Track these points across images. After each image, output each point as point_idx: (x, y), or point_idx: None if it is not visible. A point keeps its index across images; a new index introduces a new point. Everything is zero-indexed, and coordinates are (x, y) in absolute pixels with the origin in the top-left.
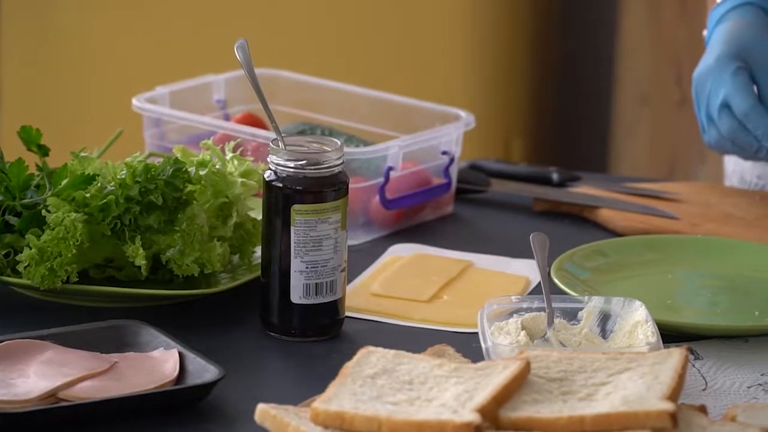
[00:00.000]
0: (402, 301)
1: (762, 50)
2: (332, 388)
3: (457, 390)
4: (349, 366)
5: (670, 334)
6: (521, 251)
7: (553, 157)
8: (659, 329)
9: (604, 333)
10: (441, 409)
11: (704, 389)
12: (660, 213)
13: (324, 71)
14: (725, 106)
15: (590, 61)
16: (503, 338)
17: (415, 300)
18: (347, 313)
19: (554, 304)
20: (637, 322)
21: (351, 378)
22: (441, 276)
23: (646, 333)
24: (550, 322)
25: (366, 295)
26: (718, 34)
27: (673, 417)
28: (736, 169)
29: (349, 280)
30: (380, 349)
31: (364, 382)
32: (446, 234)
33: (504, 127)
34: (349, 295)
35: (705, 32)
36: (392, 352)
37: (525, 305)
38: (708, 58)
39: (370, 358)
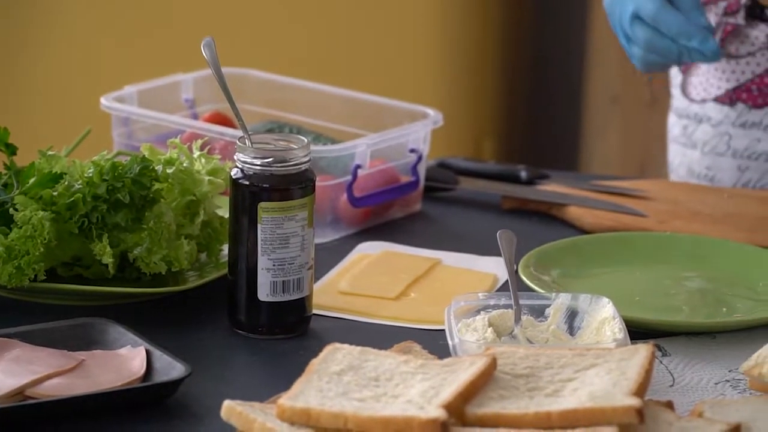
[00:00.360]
0: (369, 299)
1: None
2: (298, 385)
3: (424, 386)
4: (315, 363)
5: (637, 331)
6: (489, 249)
7: (524, 157)
8: (627, 326)
9: (571, 330)
10: (407, 405)
11: (671, 385)
12: (628, 210)
13: (292, 70)
14: (636, 17)
15: (561, 60)
16: (470, 335)
17: (382, 297)
18: (315, 311)
19: (521, 301)
20: (604, 318)
21: (317, 375)
22: (409, 273)
23: (614, 329)
24: (518, 319)
25: (333, 292)
26: None
27: (640, 413)
28: (683, 161)
29: (317, 278)
30: (346, 346)
31: (330, 378)
32: (414, 232)
33: (475, 127)
34: (317, 293)
35: None
36: (358, 348)
37: (492, 302)
38: None
39: (337, 355)
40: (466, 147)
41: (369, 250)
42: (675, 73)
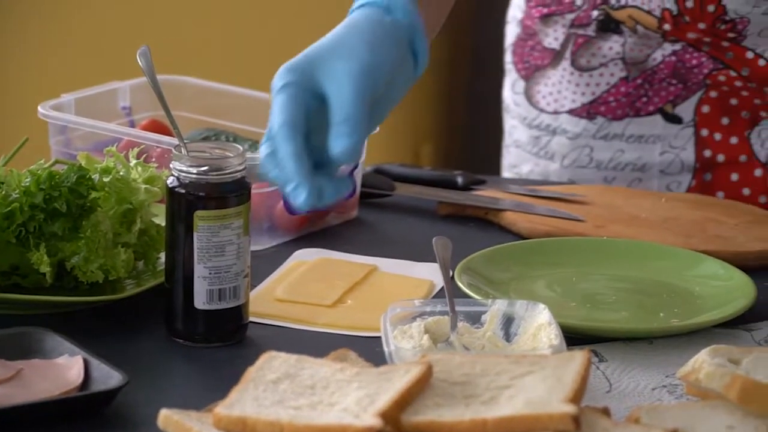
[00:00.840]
0: (306, 306)
1: (341, 59)
2: (234, 393)
3: (359, 394)
4: (251, 371)
5: (574, 337)
6: (425, 255)
7: (462, 163)
8: (563, 332)
9: (507, 336)
10: (343, 413)
11: (608, 391)
12: (564, 215)
13: (228, 77)
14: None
15: (499, 66)
16: (406, 342)
17: (318, 305)
18: (251, 319)
19: (458, 308)
20: (540, 324)
21: (253, 383)
22: (345, 280)
23: (550, 336)
24: (454, 326)
25: (270, 300)
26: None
27: (576, 419)
28: (535, 170)
29: (254, 286)
30: (283, 354)
31: (267, 386)
32: (351, 238)
33: (413, 133)
34: (253, 301)
35: None
36: (295, 356)
37: (428, 309)
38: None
39: (273, 363)
40: (405, 153)
41: (305, 257)
42: (516, 79)
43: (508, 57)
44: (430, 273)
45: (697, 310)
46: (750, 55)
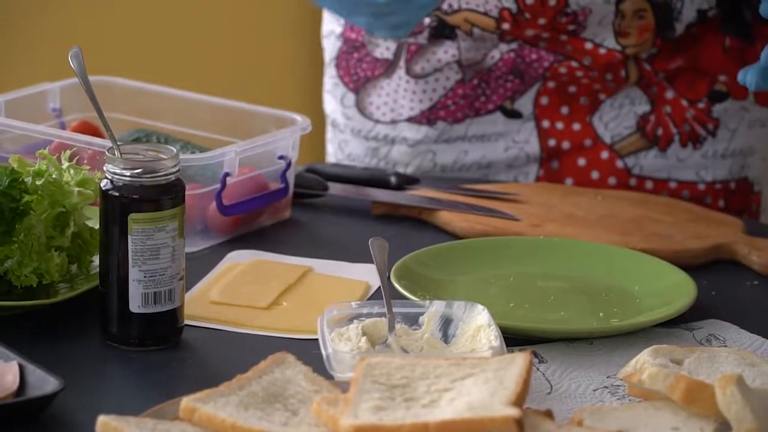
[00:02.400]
0: (241, 309)
1: None
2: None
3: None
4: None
5: (513, 338)
6: (361, 255)
7: None
8: (502, 333)
9: (446, 338)
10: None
11: (549, 393)
12: (500, 214)
13: (160, 78)
14: None
15: None
16: (344, 345)
17: (253, 307)
18: (186, 321)
19: (395, 309)
20: (479, 326)
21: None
22: (280, 282)
23: (489, 337)
24: (391, 328)
25: (205, 302)
26: None
27: (518, 423)
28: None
29: (188, 288)
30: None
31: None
32: (284, 239)
33: None
34: (188, 303)
35: None
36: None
37: (365, 311)
38: None
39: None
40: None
41: (239, 258)
42: (344, 93)
43: (332, 71)
44: (365, 274)
45: (637, 310)
46: (589, 45)
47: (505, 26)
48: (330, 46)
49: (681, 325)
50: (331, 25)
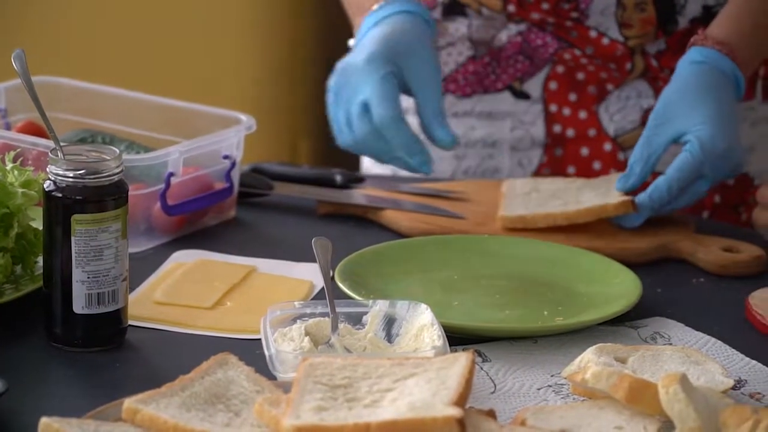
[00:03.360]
0: (185, 309)
1: (418, 58)
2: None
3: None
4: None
5: (457, 337)
6: (305, 255)
7: (341, 158)
8: (446, 332)
9: (389, 337)
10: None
11: (493, 392)
12: (445, 213)
13: (104, 78)
14: (365, 108)
15: None
16: (287, 345)
17: (198, 307)
18: (131, 322)
19: (338, 309)
20: (422, 325)
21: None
22: (224, 282)
23: (432, 337)
24: (335, 328)
25: (149, 303)
26: (373, 36)
27: (461, 423)
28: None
29: (132, 288)
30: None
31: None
32: (229, 239)
33: (290, 129)
34: (132, 304)
35: (352, 41)
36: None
37: (308, 310)
38: (358, 55)
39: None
40: (282, 149)
41: (184, 258)
42: None
43: None
44: (309, 273)
45: (582, 308)
46: (593, 33)
47: (511, 8)
48: None
49: (626, 323)
50: None
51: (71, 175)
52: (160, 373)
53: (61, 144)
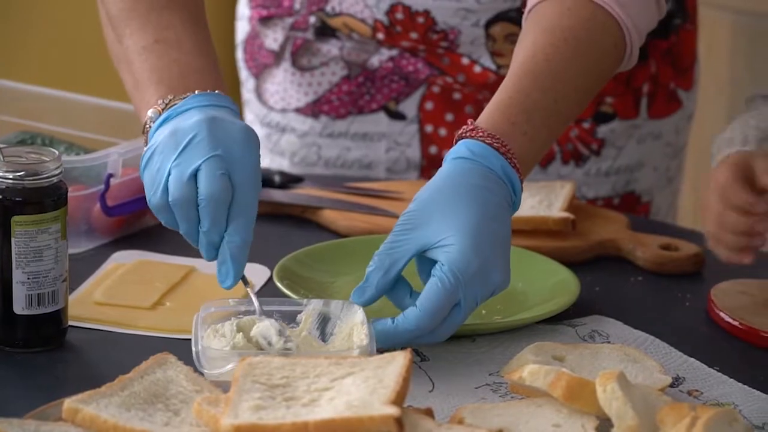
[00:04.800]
0: (125, 309)
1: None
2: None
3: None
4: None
5: None
6: None
7: None
8: None
9: (323, 336)
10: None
11: (431, 391)
12: (382, 212)
13: (43, 80)
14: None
15: None
16: (218, 341)
17: (137, 307)
18: (71, 323)
19: (274, 307)
20: (355, 324)
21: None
22: (163, 282)
23: (360, 336)
24: (283, 331)
25: (89, 303)
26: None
27: (398, 421)
28: (271, 165)
29: (72, 289)
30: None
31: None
32: (169, 239)
33: None
34: (73, 304)
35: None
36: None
37: (243, 308)
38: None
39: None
40: None
41: (124, 259)
42: (247, 77)
43: (239, 54)
44: (248, 272)
45: (521, 307)
46: (465, 60)
47: (380, 36)
48: (240, 29)
49: (564, 321)
50: (243, 8)
51: (10, 176)
52: (101, 373)
53: (0, 146)
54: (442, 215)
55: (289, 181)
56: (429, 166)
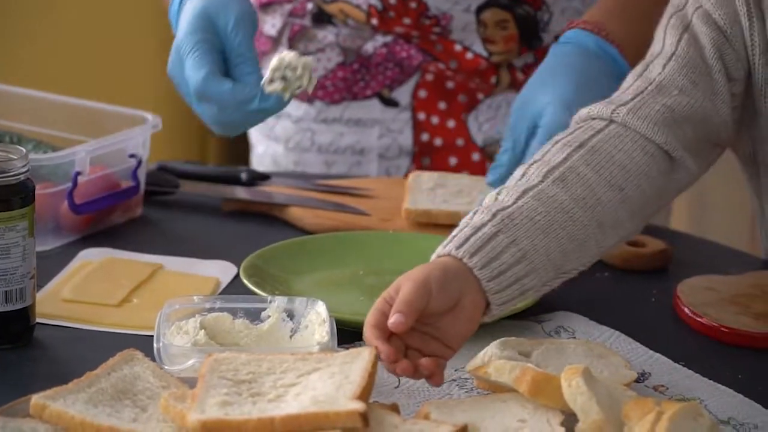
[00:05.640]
0: (93, 306)
1: (225, 13)
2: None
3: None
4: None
5: (361, 332)
6: (211, 252)
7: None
8: (351, 327)
9: (288, 332)
10: None
11: (397, 386)
12: (350, 209)
13: (10, 78)
14: (198, 95)
15: None
16: (180, 338)
17: (105, 304)
18: (39, 320)
19: (239, 304)
20: (319, 321)
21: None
22: (131, 279)
23: (322, 333)
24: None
25: (57, 300)
26: (187, 11)
27: (364, 416)
28: (267, 151)
29: (40, 286)
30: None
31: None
32: (136, 237)
33: (200, 127)
34: (41, 302)
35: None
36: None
37: (208, 305)
38: (176, 41)
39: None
40: (191, 148)
41: (91, 256)
42: None
43: None
44: (215, 270)
45: None
46: (458, 47)
47: (374, 21)
48: None
49: (530, 317)
50: None
51: None
52: (68, 370)
53: None
54: (543, 90)
55: (256, 178)
56: (420, 153)
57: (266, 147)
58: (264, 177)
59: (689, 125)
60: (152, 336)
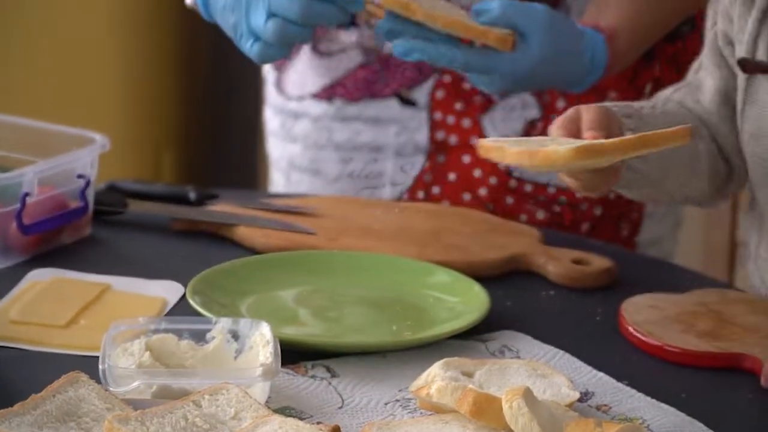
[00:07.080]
0: (40, 327)
1: None
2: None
3: None
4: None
5: (308, 351)
6: (159, 272)
7: (205, 170)
8: (295, 348)
9: (233, 354)
10: None
11: (340, 407)
12: (296, 228)
13: None
14: (272, 15)
15: (240, 71)
16: (125, 360)
17: (52, 325)
18: None
19: (183, 325)
20: (262, 342)
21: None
22: (78, 300)
23: (266, 354)
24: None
25: (4, 321)
26: None
27: None
28: (283, 154)
29: None
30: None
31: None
32: (85, 257)
33: (154, 142)
34: None
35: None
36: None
37: (153, 327)
38: None
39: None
40: (145, 163)
41: (40, 277)
42: (269, 70)
43: None
44: (163, 290)
45: (431, 323)
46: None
47: None
48: None
49: (475, 336)
50: None
51: None
52: (14, 392)
53: None
54: None
55: (205, 198)
56: (436, 151)
57: (282, 150)
58: (212, 196)
59: None
60: (98, 357)
